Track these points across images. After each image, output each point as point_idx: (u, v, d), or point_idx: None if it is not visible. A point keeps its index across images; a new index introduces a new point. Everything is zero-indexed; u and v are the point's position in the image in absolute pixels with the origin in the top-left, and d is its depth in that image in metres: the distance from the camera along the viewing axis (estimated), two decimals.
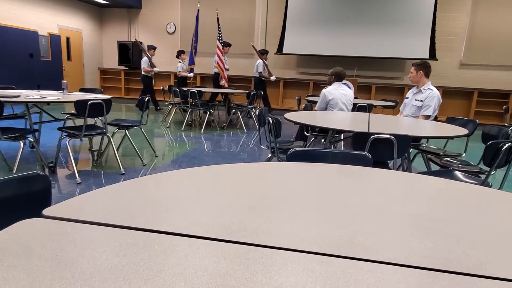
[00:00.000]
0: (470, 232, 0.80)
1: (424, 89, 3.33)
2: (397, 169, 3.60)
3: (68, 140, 3.27)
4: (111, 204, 0.83)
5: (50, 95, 3.64)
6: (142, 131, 4.22)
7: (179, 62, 8.26)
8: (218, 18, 8.26)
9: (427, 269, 0.63)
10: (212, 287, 0.54)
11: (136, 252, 0.63)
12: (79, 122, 4.16)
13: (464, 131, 2.52)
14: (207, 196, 0.93)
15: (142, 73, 8.36)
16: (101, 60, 11.24)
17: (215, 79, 8.14)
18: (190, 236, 0.70)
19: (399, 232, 0.78)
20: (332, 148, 3.92)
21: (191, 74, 8.46)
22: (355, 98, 6.02)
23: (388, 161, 2.86)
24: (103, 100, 3.25)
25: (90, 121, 4.17)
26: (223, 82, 7.85)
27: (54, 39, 9.12)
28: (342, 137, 3.75)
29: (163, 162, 4.12)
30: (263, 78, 8.09)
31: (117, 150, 4.12)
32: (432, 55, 8.39)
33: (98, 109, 3.23)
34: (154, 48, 8.44)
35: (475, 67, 8.77)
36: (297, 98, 5.36)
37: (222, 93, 7.61)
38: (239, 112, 6.89)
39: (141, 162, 3.95)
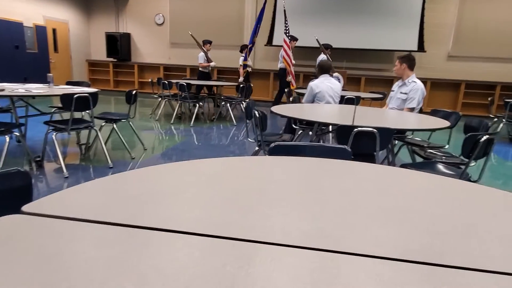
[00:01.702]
0: (437, 223, 0.84)
1: (409, 82, 3.38)
2: (383, 161, 3.66)
3: (54, 134, 3.25)
4: (91, 200, 0.85)
5: (35, 88, 3.60)
6: (130, 124, 4.21)
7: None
8: (285, 10, 7.24)
9: (391, 259, 0.67)
10: (192, 282, 0.57)
11: (113, 247, 0.65)
12: (66, 115, 4.12)
13: (446, 124, 2.58)
14: (187, 191, 0.95)
15: (199, 69, 7.85)
16: (89, 52, 11.07)
17: (280, 75, 7.51)
18: (168, 231, 0.73)
19: (371, 224, 0.82)
20: (320, 140, 3.97)
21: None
22: (344, 90, 6.07)
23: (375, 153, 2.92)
24: (90, 93, 3.23)
25: (78, 114, 4.14)
26: (289, 78, 7.12)
27: (40, 31, 8.94)
28: (330, 129, 3.79)
29: (152, 155, 4.12)
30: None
31: (105, 143, 4.11)
32: (421, 47, 8.46)
33: (84, 102, 3.21)
34: (210, 43, 7.78)
35: (462, 59, 8.88)
36: (286, 90, 5.37)
37: (210, 86, 7.53)
38: (228, 104, 6.88)
39: (130, 155, 3.94)
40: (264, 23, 9.55)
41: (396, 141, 3.65)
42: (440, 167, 2.50)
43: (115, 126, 3.85)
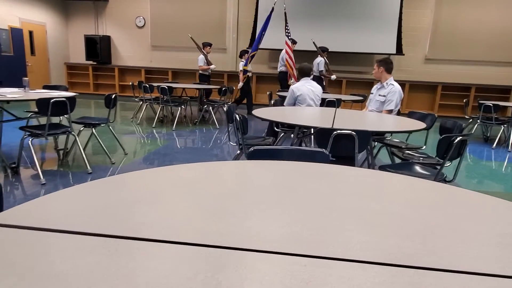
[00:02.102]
0: (407, 225, 0.87)
1: (387, 85, 3.46)
2: (363, 162, 3.73)
3: (30, 139, 3.16)
4: (65, 209, 0.84)
5: (10, 93, 3.49)
6: (110, 128, 4.13)
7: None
8: (285, 13, 7.29)
9: (361, 262, 0.69)
10: None
11: (85, 258, 0.64)
12: (44, 120, 4.02)
13: (422, 125, 2.65)
14: (164, 198, 0.95)
15: (200, 72, 7.73)
16: (68, 54, 10.82)
17: (281, 78, 7.48)
18: (141, 239, 0.72)
19: (346, 228, 0.84)
20: (302, 143, 4.00)
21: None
22: (325, 92, 6.15)
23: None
24: (67, 97, 3.16)
25: (56, 119, 4.04)
26: (292, 81, 7.06)
27: (15, 33, 8.69)
28: (312, 131, 3.83)
29: (133, 160, 4.06)
30: (323, 77, 7.65)
31: (84, 148, 4.02)
32: (399, 50, 8.67)
33: (61, 107, 3.14)
34: (210, 45, 7.72)
35: (439, 61, 9.15)
36: (268, 93, 5.41)
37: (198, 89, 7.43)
38: (211, 108, 6.86)
39: (110, 160, 3.87)
40: (246, 26, 9.59)
41: (376, 143, 3.73)
42: (417, 168, 2.56)
43: (94, 130, 3.78)
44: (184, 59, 10.18)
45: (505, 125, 5.90)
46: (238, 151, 3.00)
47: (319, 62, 7.65)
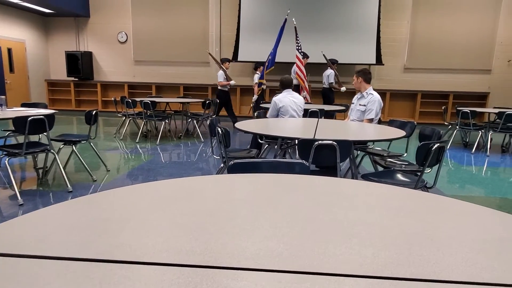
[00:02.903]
0: (384, 235, 0.87)
1: (366, 94, 3.53)
2: (347, 172, 3.77)
3: (7, 159, 3.07)
4: (35, 232, 0.81)
5: None
6: (91, 145, 4.06)
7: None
8: (295, 27, 7.42)
9: (337, 275, 0.68)
10: None
11: (51, 283, 0.62)
12: (22, 139, 3.92)
13: (402, 133, 2.70)
14: (141, 216, 0.93)
15: (219, 87, 7.67)
16: (48, 71, 10.66)
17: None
18: (111, 262, 0.70)
19: (320, 240, 0.83)
20: (286, 154, 4.02)
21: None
22: (308, 103, 6.22)
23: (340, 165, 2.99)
24: (45, 115, 3.10)
25: (35, 137, 3.95)
26: (304, 94, 7.13)
27: None
28: (296, 142, 3.85)
29: (116, 177, 3.99)
30: (333, 89, 7.77)
31: (64, 166, 3.93)
32: (379, 60, 8.89)
33: (39, 125, 3.07)
34: (229, 61, 7.79)
35: (417, 70, 9.42)
36: (252, 105, 5.43)
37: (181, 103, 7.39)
38: (195, 121, 6.84)
39: (91, 178, 3.79)
40: (229, 39, 9.68)
41: (359, 151, 3.77)
42: (399, 175, 2.60)
43: (74, 148, 3.71)
44: (167, 73, 10.16)
45: (483, 131, 6.08)
46: (222, 165, 2.98)
47: (329, 74, 7.73)
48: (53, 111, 3.50)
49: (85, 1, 9.98)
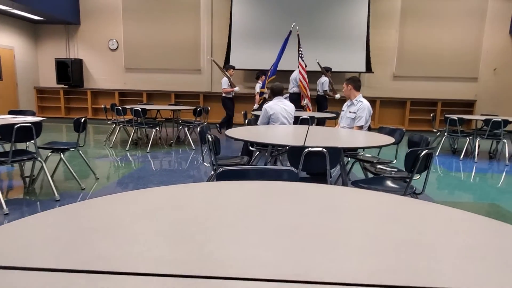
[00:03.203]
0: (371, 243, 0.87)
1: (356, 101, 3.57)
2: (338, 178, 3.78)
3: None
4: (14, 243, 0.79)
5: None
6: (80, 153, 4.01)
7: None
8: (298, 35, 7.58)
9: (320, 283, 0.68)
10: None
11: None
12: (9, 147, 3.85)
13: (391, 140, 2.73)
14: (126, 225, 0.91)
15: (223, 95, 7.65)
16: (37, 78, 10.54)
17: (294, 100, 7.44)
18: (94, 272, 0.69)
19: (306, 248, 0.83)
20: (277, 161, 4.02)
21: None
22: (298, 110, 6.25)
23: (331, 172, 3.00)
24: (33, 122, 3.05)
25: (22, 145, 3.88)
26: (305, 102, 7.24)
27: None
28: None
29: (105, 185, 3.94)
30: (328, 97, 7.84)
31: (53, 175, 3.87)
32: (368, 68, 9.01)
33: (27, 133, 3.02)
34: (233, 68, 7.77)
35: (406, 78, 9.56)
36: (243, 112, 5.44)
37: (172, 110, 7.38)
38: (186, 128, 6.81)
39: (80, 186, 3.73)
40: (220, 47, 9.72)
41: (349, 158, 3.79)
42: (388, 182, 2.62)
43: (62, 156, 3.65)
44: (158, 81, 10.14)
45: (470, 137, 6.17)
46: (212, 172, 2.97)
47: (324, 82, 7.81)
48: (41, 118, 3.46)
49: (76, 8, 9.95)
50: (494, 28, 9.28)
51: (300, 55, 7.39)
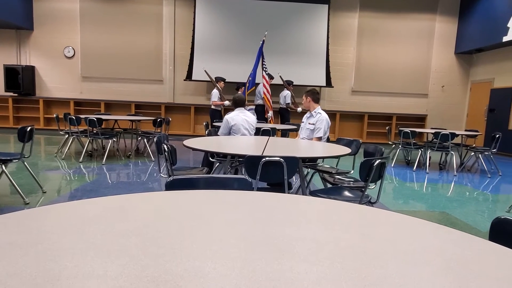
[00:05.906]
0: (318, 250, 0.85)
1: (315, 113, 3.64)
2: (298, 189, 3.80)
3: None
4: None
5: None
6: (25, 164, 3.72)
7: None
8: (263, 44, 7.65)
9: None
10: None
11: None
12: None
13: (347, 151, 2.79)
14: (54, 239, 0.82)
15: (212, 107, 7.37)
16: None
17: (258, 112, 7.65)
18: None
19: (252, 257, 0.79)
20: (237, 171, 3.97)
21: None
22: (261, 122, 6.28)
23: (290, 182, 3.01)
24: None
25: None
26: (270, 114, 7.39)
27: None
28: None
29: (52, 199, 3.67)
30: (290, 109, 7.94)
31: None
32: (328, 83, 9.33)
33: None
34: (224, 80, 7.60)
35: (364, 93, 10.01)
36: (204, 123, 5.36)
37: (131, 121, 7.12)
38: (145, 139, 6.60)
39: (23, 200, 3.45)
40: (182, 58, 9.62)
41: (309, 169, 3.84)
42: (345, 191, 2.66)
43: (4, 167, 3.36)
44: (117, 90, 9.81)
45: (422, 149, 6.52)
46: None
47: (286, 95, 7.96)
48: None
49: (29, 13, 9.44)
50: (441, 49, 10.01)
51: (264, 68, 7.55)
